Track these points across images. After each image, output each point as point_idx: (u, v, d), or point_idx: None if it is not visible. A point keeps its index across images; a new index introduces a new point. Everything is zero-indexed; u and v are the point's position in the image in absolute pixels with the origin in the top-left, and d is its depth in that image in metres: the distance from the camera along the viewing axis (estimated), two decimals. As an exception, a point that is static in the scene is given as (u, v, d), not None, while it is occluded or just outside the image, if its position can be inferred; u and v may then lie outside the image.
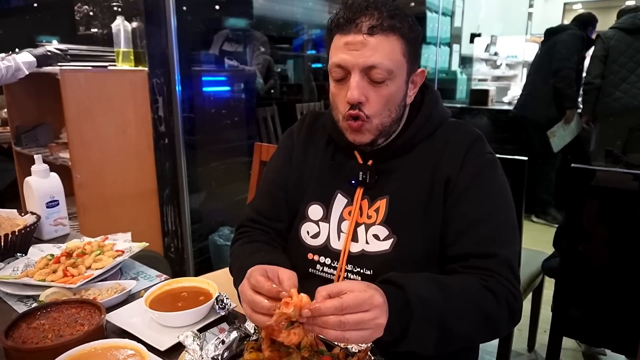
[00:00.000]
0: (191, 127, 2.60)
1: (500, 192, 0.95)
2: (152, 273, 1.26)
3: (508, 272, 0.88)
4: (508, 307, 0.85)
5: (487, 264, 0.88)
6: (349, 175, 1.03)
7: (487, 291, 0.84)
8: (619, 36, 3.24)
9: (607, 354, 2.16)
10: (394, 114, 0.96)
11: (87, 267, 1.17)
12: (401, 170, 1.00)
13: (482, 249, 0.89)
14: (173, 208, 2.60)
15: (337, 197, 1.05)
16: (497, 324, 0.85)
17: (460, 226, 0.92)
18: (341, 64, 0.91)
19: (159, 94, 2.43)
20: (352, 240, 1.01)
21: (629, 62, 3.21)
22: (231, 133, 2.88)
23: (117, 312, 1.00)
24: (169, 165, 2.54)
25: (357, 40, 0.89)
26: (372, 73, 0.90)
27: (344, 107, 0.94)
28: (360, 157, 1.04)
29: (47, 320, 0.93)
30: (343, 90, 0.93)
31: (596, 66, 3.34)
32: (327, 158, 1.09)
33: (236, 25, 2.85)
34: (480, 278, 0.86)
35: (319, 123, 1.14)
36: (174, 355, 0.89)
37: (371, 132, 0.96)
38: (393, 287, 0.78)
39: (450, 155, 0.97)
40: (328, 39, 0.97)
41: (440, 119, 1.03)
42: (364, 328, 0.69)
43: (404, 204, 0.98)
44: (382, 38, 0.89)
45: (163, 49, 2.41)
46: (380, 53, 0.89)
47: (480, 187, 0.94)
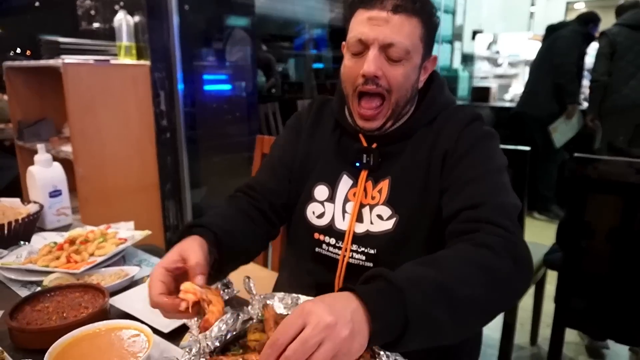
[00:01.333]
0: (193, 122, 2.60)
1: (495, 159, 0.93)
2: (155, 261, 1.26)
3: (502, 218, 0.81)
4: (510, 256, 0.75)
5: (477, 214, 0.83)
6: (354, 158, 1.04)
7: (479, 247, 0.76)
8: (625, 33, 3.23)
9: (610, 348, 2.16)
10: (408, 95, 0.97)
11: (90, 254, 1.18)
12: (403, 153, 1.01)
13: (472, 200, 0.85)
14: (174, 202, 2.60)
15: (343, 178, 1.05)
16: (505, 278, 0.74)
17: (454, 188, 0.91)
18: (362, 37, 0.91)
19: (161, 88, 2.43)
20: (357, 221, 1.02)
21: (636, 58, 3.20)
22: (233, 128, 2.89)
23: (121, 296, 1.01)
24: (171, 160, 2.54)
25: (380, 16, 0.90)
26: (390, 51, 0.90)
27: (356, 80, 0.94)
28: (364, 140, 1.04)
29: (51, 304, 0.93)
30: (358, 64, 0.93)
31: (603, 64, 3.32)
32: (333, 141, 1.09)
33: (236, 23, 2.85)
34: (468, 239, 0.79)
35: (326, 108, 1.15)
36: (178, 338, 0.89)
37: (384, 115, 0.96)
38: (376, 281, 0.67)
39: (447, 133, 0.97)
40: (349, 13, 0.97)
41: (443, 104, 1.03)
42: (323, 342, 0.57)
43: (405, 183, 0.99)
44: (405, 18, 0.90)
45: (165, 44, 2.41)
46: (401, 32, 0.89)
47: (475, 153, 0.93)
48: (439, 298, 0.67)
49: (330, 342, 0.57)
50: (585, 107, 3.77)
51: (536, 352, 2.21)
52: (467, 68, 5.35)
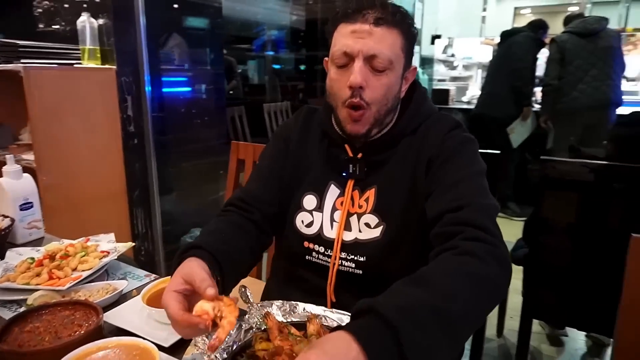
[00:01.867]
0: (161, 127, 2.54)
1: (475, 164, 0.98)
2: (141, 273, 1.23)
3: (483, 218, 0.83)
4: (494, 258, 0.77)
5: (460, 216, 0.84)
6: (341, 168, 1.07)
7: (462, 256, 0.76)
8: (573, 40, 3.45)
9: (568, 335, 2.30)
10: (389, 104, 1.00)
11: (73, 269, 1.14)
12: (388, 162, 1.04)
13: (455, 203, 0.87)
14: (143, 210, 2.53)
15: (330, 187, 1.08)
16: (493, 283, 0.75)
17: (438, 192, 0.93)
18: (347, 50, 0.94)
19: (128, 93, 2.37)
20: (345, 229, 1.04)
21: (583, 63, 3.42)
22: (201, 133, 2.84)
23: (113, 311, 0.98)
24: (139, 166, 2.48)
25: (363, 29, 0.93)
26: (374, 62, 0.94)
27: (344, 93, 0.97)
28: (350, 150, 1.07)
29: (41, 323, 0.90)
30: (344, 77, 0.96)
31: (554, 68, 3.53)
32: (321, 151, 1.11)
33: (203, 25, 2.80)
34: (451, 248, 0.79)
35: (313, 118, 1.17)
36: (179, 351, 0.89)
37: (368, 122, 0.99)
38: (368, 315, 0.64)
39: (430, 141, 1.01)
40: (331, 28, 1.01)
41: (425, 114, 1.07)
42: None
43: (390, 192, 1.02)
44: (386, 30, 0.94)
45: (132, 47, 2.35)
46: (383, 44, 0.93)
47: (456, 159, 0.97)
48: (434, 323, 0.64)
49: None
50: (538, 109, 3.98)
51: (503, 343, 2.32)
52: (427, 71, 5.51)
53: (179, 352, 0.88)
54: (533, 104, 4.03)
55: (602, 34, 3.40)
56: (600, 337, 2.19)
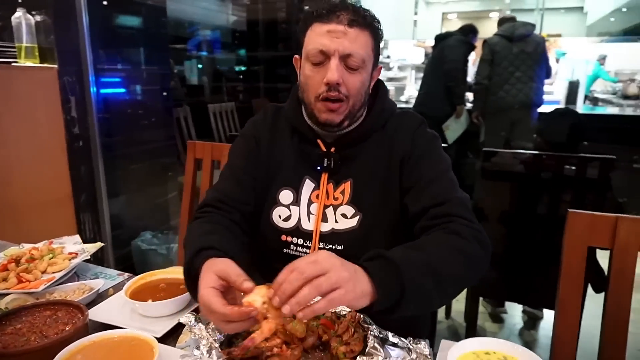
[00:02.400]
0: (107, 129, 2.46)
1: (445, 160, 1.10)
2: (113, 272, 1.22)
3: (465, 211, 0.97)
4: (477, 241, 0.91)
5: (444, 209, 0.96)
6: (314, 162, 1.12)
7: (451, 235, 0.90)
8: (502, 43, 3.75)
9: (507, 312, 2.53)
10: (362, 100, 1.08)
11: (43, 272, 1.11)
12: (360, 155, 1.12)
13: (438, 199, 0.98)
14: (91, 214, 2.44)
15: (306, 182, 1.13)
16: (473, 257, 0.90)
17: (417, 188, 1.03)
18: (323, 49, 1.00)
19: (71, 93, 2.28)
20: (322, 221, 1.10)
21: (509, 65, 3.73)
22: (149, 134, 2.78)
23: (95, 309, 0.98)
24: (85, 169, 2.39)
25: (338, 29, 0.99)
26: (349, 60, 1.01)
27: (319, 88, 1.03)
28: (323, 145, 1.13)
29: (23, 325, 0.89)
30: (319, 74, 1.02)
31: (484, 69, 3.82)
32: (293, 147, 1.16)
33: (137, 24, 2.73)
34: (441, 229, 0.93)
35: (279, 115, 1.21)
36: (168, 341, 0.91)
37: (343, 114, 1.05)
38: (376, 259, 0.80)
39: (401, 137, 1.11)
40: (303, 27, 1.06)
41: (390, 110, 1.16)
42: (337, 287, 0.70)
43: (366, 184, 1.10)
44: (359, 31, 1.01)
45: (74, 45, 2.26)
46: (357, 44, 1.00)
47: (430, 156, 1.08)
48: (427, 273, 0.81)
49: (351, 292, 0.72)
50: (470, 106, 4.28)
51: (451, 324, 2.50)
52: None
53: (171, 342, 0.91)
54: (466, 102, 4.33)
55: (528, 39, 3.72)
56: (535, 312, 2.43)
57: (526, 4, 8.92)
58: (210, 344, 0.80)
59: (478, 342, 0.85)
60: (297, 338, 0.83)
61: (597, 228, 1.02)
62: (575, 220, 1.03)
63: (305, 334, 0.84)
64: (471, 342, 0.84)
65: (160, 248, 2.58)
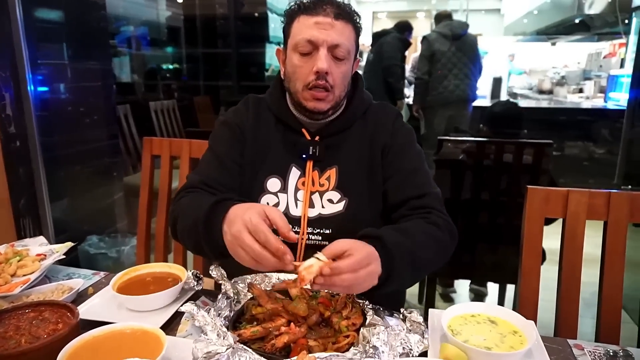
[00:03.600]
0: (47, 128, 2.31)
1: (421, 153, 1.20)
2: (87, 272, 1.18)
3: (440, 205, 1.09)
4: (449, 232, 1.04)
5: (423, 202, 1.08)
6: (300, 151, 1.15)
7: (431, 225, 1.02)
8: (440, 40, 3.95)
9: (456, 292, 2.71)
10: (345, 89, 1.13)
11: (12, 275, 1.05)
12: (344, 144, 1.17)
13: (418, 191, 1.09)
14: (32, 219, 2.28)
15: (292, 170, 1.16)
16: (446, 247, 1.03)
17: (399, 178, 1.13)
18: (312, 39, 1.04)
19: (5, 89, 2.11)
20: (309, 207, 1.14)
21: (447, 62, 3.94)
22: (91, 133, 2.64)
23: (82, 307, 0.95)
24: (24, 171, 2.23)
25: (326, 21, 1.04)
26: (336, 51, 1.05)
27: (307, 77, 1.07)
28: (307, 134, 1.16)
29: (7, 328, 0.84)
30: (308, 63, 1.06)
31: (424, 64, 4.01)
32: (277, 136, 1.18)
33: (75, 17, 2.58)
34: (422, 217, 1.04)
35: (261, 105, 1.23)
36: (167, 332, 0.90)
37: (329, 103, 1.10)
38: (373, 240, 0.89)
39: (381, 127, 1.18)
40: (288, 20, 1.09)
41: (368, 100, 1.23)
42: (368, 280, 0.83)
43: (351, 171, 1.15)
44: (344, 24, 1.06)
45: (7, 40, 2.10)
46: (343, 35, 1.06)
47: (409, 149, 1.17)
48: (410, 262, 0.92)
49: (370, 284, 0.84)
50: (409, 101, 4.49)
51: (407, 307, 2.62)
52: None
53: (169, 333, 0.90)
54: (405, 96, 4.52)
55: (464, 38, 3.96)
56: (480, 289, 2.62)
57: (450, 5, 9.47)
58: (217, 328, 0.81)
59: (464, 307, 0.93)
60: (301, 317, 0.87)
61: (551, 200, 1.15)
62: (534, 195, 1.15)
63: (307, 312, 0.87)
64: (458, 307, 0.93)
65: (110, 251, 2.47)
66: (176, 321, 0.95)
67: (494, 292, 2.54)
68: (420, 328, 0.88)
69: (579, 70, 7.09)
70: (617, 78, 4.73)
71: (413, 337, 0.83)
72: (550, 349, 0.86)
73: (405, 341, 0.82)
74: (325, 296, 0.95)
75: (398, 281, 0.91)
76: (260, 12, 4.92)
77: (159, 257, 1.76)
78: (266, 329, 0.83)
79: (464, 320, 0.90)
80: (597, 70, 6.39)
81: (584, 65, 7.31)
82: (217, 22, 4.85)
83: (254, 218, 0.81)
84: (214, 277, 0.99)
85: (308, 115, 1.13)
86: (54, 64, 2.37)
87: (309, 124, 1.16)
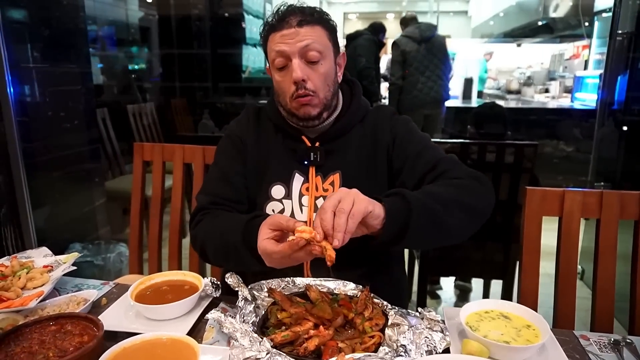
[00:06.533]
0: (27, 133, 2.24)
1: (424, 135, 1.23)
2: (96, 282, 1.16)
3: (456, 163, 1.11)
4: (476, 179, 1.06)
5: (439, 170, 1.09)
6: (301, 157, 1.18)
7: (452, 179, 1.05)
8: (410, 44, 4.03)
9: (443, 288, 2.78)
10: (332, 89, 1.15)
11: (22, 288, 1.03)
12: (345, 149, 1.20)
13: (430, 164, 1.11)
14: (13, 228, 2.21)
15: (295, 176, 1.18)
16: (475, 189, 1.04)
17: (409, 164, 1.15)
18: (280, 51, 1.07)
19: (-17, 94, 2.04)
20: (314, 211, 1.16)
21: (420, 66, 4.03)
22: (72, 138, 2.57)
23: (101, 316, 0.94)
24: (4, 179, 2.15)
25: (290, 32, 1.07)
26: (308, 55, 1.08)
27: (290, 89, 1.10)
28: (307, 140, 1.19)
29: (31, 342, 0.83)
30: (287, 76, 1.10)
31: (397, 69, 4.08)
32: (278, 144, 1.21)
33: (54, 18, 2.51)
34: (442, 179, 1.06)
35: (261, 115, 1.25)
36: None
37: (318, 106, 1.12)
38: (392, 195, 0.97)
39: (381, 128, 1.21)
40: (263, 42, 1.14)
41: (366, 106, 1.26)
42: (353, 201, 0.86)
43: (354, 175, 1.18)
44: (309, 28, 1.08)
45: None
46: (310, 37, 1.07)
47: (410, 136, 1.20)
48: (432, 198, 0.97)
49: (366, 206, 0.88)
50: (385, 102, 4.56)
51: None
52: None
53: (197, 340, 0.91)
54: (380, 99, 4.59)
55: (433, 40, 4.06)
56: (465, 284, 2.71)
57: (419, 7, 9.66)
58: (249, 334, 0.82)
59: (478, 304, 0.98)
60: (326, 319, 0.89)
61: (548, 200, 1.21)
62: (532, 195, 1.21)
63: (332, 315, 0.90)
64: (472, 304, 0.97)
65: (95, 259, 2.41)
66: (197, 328, 0.96)
67: (478, 287, 2.63)
68: (439, 326, 0.92)
69: (544, 70, 7.37)
70: (582, 79, 4.95)
71: (436, 335, 0.87)
72: (559, 340, 0.91)
73: (429, 339, 0.85)
74: (345, 298, 0.98)
75: (426, 216, 0.94)
76: (235, 13, 4.90)
77: (152, 265, 1.74)
78: (296, 333, 0.85)
79: (479, 316, 0.95)
80: (562, 71, 6.67)
81: (548, 66, 7.62)
82: (192, 23, 4.79)
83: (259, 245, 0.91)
84: (230, 283, 1.00)
85: (303, 123, 1.15)
86: (32, 67, 2.30)
87: (308, 130, 1.18)
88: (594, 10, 4.97)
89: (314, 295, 0.98)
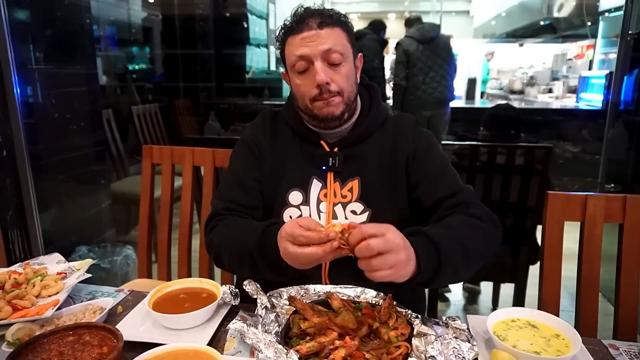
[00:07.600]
0: (33, 136, 2.22)
1: (444, 155, 1.21)
2: (110, 289, 1.14)
3: (476, 199, 1.10)
4: (491, 222, 1.04)
5: (458, 199, 1.08)
6: (319, 162, 1.15)
7: (471, 217, 1.03)
8: (414, 45, 4.00)
9: (451, 291, 2.76)
10: (354, 90, 1.13)
11: (36, 296, 1.01)
12: (365, 154, 1.17)
13: (450, 190, 1.09)
14: (20, 232, 2.18)
15: (313, 182, 1.16)
16: (492, 236, 1.03)
17: (427, 182, 1.13)
18: (303, 55, 1.05)
19: (-11, 96, 2.01)
20: (332, 218, 1.14)
21: (423, 66, 4.00)
22: (78, 139, 2.55)
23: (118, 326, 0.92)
24: (11, 182, 2.13)
25: (311, 34, 1.05)
26: (330, 57, 1.06)
27: (311, 92, 1.08)
28: (326, 146, 1.16)
29: (50, 353, 0.81)
30: (308, 79, 1.07)
31: (400, 70, 4.05)
32: (295, 148, 1.18)
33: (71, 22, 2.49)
34: (461, 212, 1.04)
35: (277, 119, 1.23)
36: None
37: (340, 106, 1.10)
38: (418, 235, 0.93)
39: (403, 137, 1.18)
40: (281, 45, 1.12)
41: (385, 111, 1.24)
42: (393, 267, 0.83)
43: (373, 181, 1.15)
44: (330, 30, 1.06)
45: (-9, 43, 2.00)
46: (331, 40, 1.06)
47: (432, 153, 1.17)
48: (459, 251, 0.94)
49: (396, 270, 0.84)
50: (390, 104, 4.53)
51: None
52: (283, 70, 5.74)
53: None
54: (386, 100, 4.57)
55: (437, 40, 4.04)
56: (474, 287, 2.69)
57: (422, 7, 9.64)
58: (273, 345, 0.80)
59: (504, 312, 0.96)
60: (351, 329, 0.87)
61: (570, 205, 1.19)
62: (554, 200, 1.19)
63: (356, 324, 0.88)
64: (499, 312, 0.95)
65: (102, 262, 2.39)
66: (217, 338, 0.94)
67: (487, 290, 2.61)
68: (464, 335, 0.90)
69: (547, 70, 7.35)
70: (588, 79, 4.93)
71: (464, 345, 0.85)
72: (589, 350, 0.89)
73: (457, 349, 0.83)
74: (368, 306, 0.96)
75: (450, 273, 0.94)
76: (239, 13, 4.87)
77: (162, 269, 1.72)
78: (321, 344, 0.83)
79: (506, 325, 0.93)
80: (566, 71, 6.64)
81: (550, 66, 7.60)
82: (196, 23, 4.77)
83: (287, 229, 0.89)
84: (249, 291, 0.98)
85: (324, 125, 1.13)
86: (39, 69, 2.27)
87: (327, 134, 1.16)
88: (599, 10, 4.95)
89: (336, 304, 0.96)
